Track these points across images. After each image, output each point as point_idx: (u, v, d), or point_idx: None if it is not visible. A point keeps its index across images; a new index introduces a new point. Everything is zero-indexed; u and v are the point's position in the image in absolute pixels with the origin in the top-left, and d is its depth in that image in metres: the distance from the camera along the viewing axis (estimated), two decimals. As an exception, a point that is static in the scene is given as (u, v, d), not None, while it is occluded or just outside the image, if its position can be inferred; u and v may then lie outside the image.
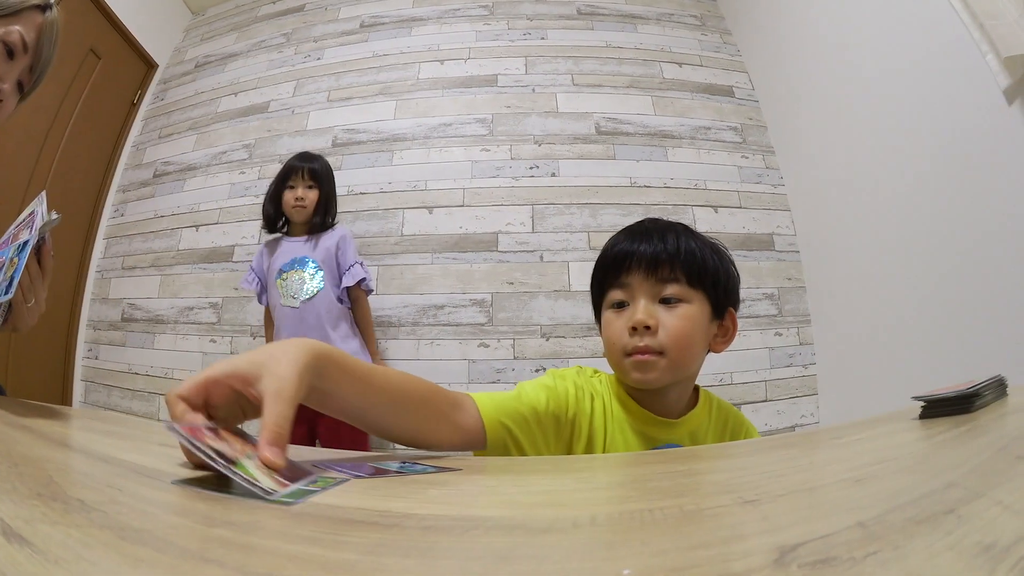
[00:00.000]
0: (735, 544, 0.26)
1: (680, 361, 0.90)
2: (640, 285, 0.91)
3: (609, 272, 0.95)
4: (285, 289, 2.36)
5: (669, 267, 0.91)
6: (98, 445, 0.56)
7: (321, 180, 2.45)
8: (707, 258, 0.93)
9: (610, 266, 0.95)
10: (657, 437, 0.92)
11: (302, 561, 0.24)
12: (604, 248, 0.98)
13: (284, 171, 2.46)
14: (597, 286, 1.00)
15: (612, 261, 0.95)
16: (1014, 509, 0.27)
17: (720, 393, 1.07)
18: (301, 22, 3.70)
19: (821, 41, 2.61)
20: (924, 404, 0.68)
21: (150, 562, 0.23)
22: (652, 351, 0.89)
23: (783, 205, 2.97)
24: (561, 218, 2.87)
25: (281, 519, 0.32)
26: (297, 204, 2.40)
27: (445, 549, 0.27)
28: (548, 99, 3.17)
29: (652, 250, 0.91)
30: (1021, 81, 1.56)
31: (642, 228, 0.96)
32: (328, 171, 2.51)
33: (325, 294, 2.35)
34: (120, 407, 2.95)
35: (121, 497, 0.34)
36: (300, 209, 2.40)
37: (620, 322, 0.92)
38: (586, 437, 0.89)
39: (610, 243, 0.98)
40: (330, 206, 2.48)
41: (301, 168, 2.43)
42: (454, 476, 0.50)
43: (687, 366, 0.93)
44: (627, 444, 0.91)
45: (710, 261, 0.94)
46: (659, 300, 0.91)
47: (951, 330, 1.82)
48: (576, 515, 0.33)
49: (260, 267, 2.47)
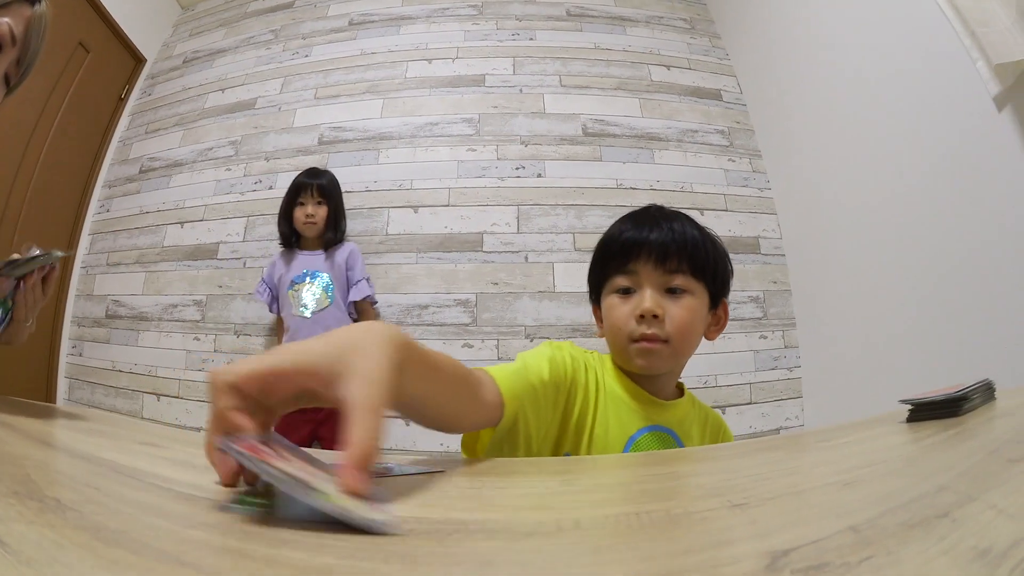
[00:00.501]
0: (725, 549, 0.26)
1: (682, 349, 0.95)
2: (649, 274, 0.94)
3: (615, 257, 0.97)
4: (297, 300, 2.47)
5: (677, 259, 0.94)
6: (79, 443, 0.56)
7: (329, 196, 2.59)
8: (709, 251, 0.97)
9: (617, 252, 0.97)
10: (649, 416, 0.94)
11: (280, 565, 0.24)
12: (610, 233, 1.00)
13: (294, 188, 2.58)
14: (600, 268, 1.02)
15: (620, 248, 0.97)
16: (1008, 513, 0.26)
17: (705, 395, 1.10)
18: (290, 19, 3.68)
19: (810, 45, 2.62)
20: (912, 407, 0.68)
21: (125, 564, 0.22)
22: (658, 339, 0.92)
23: (769, 209, 2.99)
24: (547, 219, 2.87)
25: (260, 520, 0.31)
26: (308, 221, 2.53)
27: (426, 554, 0.27)
28: (535, 100, 3.17)
29: (661, 240, 0.94)
30: (1011, 88, 1.57)
31: (649, 216, 0.99)
32: (335, 186, 2.64)
33: (335, 307, 2.47)
34: (104, 404, 2.93)
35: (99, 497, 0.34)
36: (311, 225, 2.54)
37: (627, 308, 0.95)
38: (579, 406, 0.91)
39: (616, 229, 1.00)
40: (339, 220, 2.63)
41: (310, 185, 2.56)
42: (436, 478, 0.49)
43: (687, 354, 0.97)
44: (619, 418, 0.93)
45: (712, 254, 0.97)
46: (665, 290, 0.94)
47: (938, 334, 1.83)
48: (560, 518, 0.32)
49: (271, 278, 2.59)
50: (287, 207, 2.58)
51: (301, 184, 2.57)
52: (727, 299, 1.04)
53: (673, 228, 0.95)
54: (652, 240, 0.94)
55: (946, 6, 1.75)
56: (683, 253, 0.93)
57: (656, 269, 0.93)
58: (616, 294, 0.97)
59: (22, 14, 0.88)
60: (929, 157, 1.87)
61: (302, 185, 2.56)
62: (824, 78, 2.51)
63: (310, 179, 2.58)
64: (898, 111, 2.02)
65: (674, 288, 0.94)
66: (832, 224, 2.48)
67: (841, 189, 2.39)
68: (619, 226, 1.00)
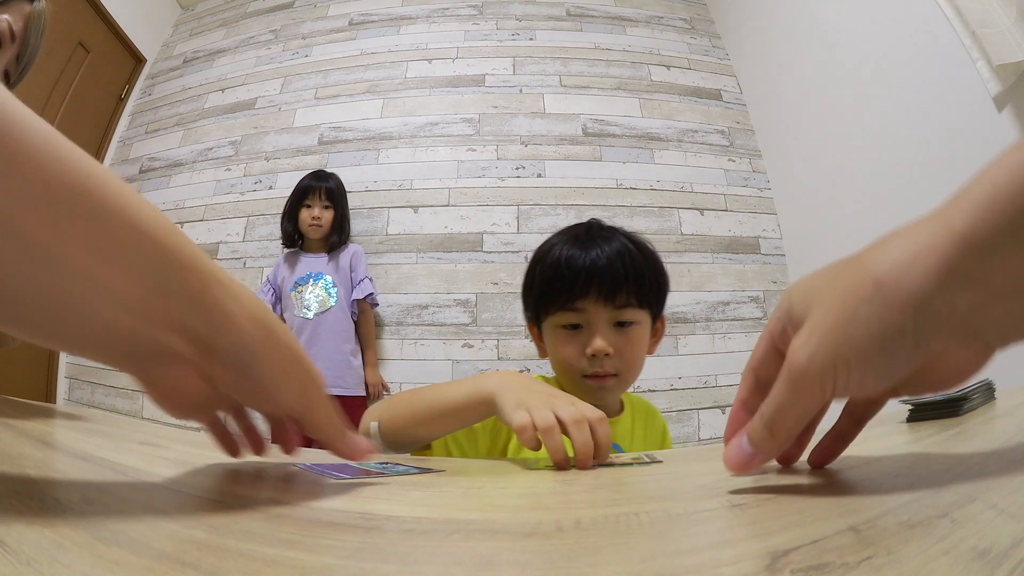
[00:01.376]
0: (725, 549, 0.26)
1: (631, 379, 0.97)
2: (598, 312, 0.93)
3: (560, 291, 0.95)
4: (300, 301, 2.49)
5: (625, 293, 0.93)
6: (79, 443, 0.56)
7: (336, 200, 2.63)
8: (652, 277, 0.97)
9: (563, 286, 0.94)
10: None
11: (280, 565, 0.23)
12: (552, 256, 0.98)
13: (301, 190, 2.62)
14: (541, 294, 0.99)
15: (565, 281, 0.94)
16: (1008, 513, 0.26)
17: (705, 395, 1.10)
18: (290, 19, 3.68)
19: (810, 45, 2.62)
20: (912, 407, 0.68)
21: (125, 564, 0.22)
22: (609, 375, 0.93)
23: (769, 209, 2.99)
24: (546, 219, 2.87)
25: (260, 521, 0.31)
26: (314, 223, 2.57)
27: (426, 554, 0.27)
28: (535, 100, 3.17)
29: (611, 275, 0.92)
30: (1011, 88, 1.57)
31: (590, 238, 0.97)
32: (342, 190, 2.69)
33: (338, 308, 2.50)
34: (104, 404, 2.93)
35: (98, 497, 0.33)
36: (316, 228, 2.57)
37: (576, 346, 0.94)
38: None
39: (559, 253, 0.97)
40: (344, 224, 2.67)
41: (318, 188, 2.60)
42: (436, 478, 0.49)
43: (635, 380, 0.99)
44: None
45: (654, 278, 0.98)
46: (613, 323, 0.94)
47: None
48: (560, 518, 0.32)
49: (275, 279, 2.61)
50: (292, 208, 2.60)
51: (309, 187, 2.59)
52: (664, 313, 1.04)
53: (621, 257, 0.93)
54: (600, 275, 0.92)
55: (947, 7, 1.76)
56: (630, 287, 0.93)
57: (605, 306, 0.93)
58: (563, 329, 0.96)
59: (21, 11, 0.88)
60: (929, 157, 1.87)
61: (310, 187, 2.59)
62: (824, 77, 2.51)
63: (318, 182, 2.60)
64: (898, 111, 2.02)
65: (622, 322, 0.94)
66: (832, 224, 2.48)
67: (841, 189, 2.39)
68: (562, 249, 0.97)
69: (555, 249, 0.97)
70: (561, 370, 0.97)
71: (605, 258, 0.93)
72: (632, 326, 0.94)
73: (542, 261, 0.99)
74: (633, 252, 0.96)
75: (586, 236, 0.97)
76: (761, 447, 0.37)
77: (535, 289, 1.00)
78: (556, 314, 0.96)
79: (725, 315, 2.75)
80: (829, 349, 0.33)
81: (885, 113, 2.09)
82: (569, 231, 1.01)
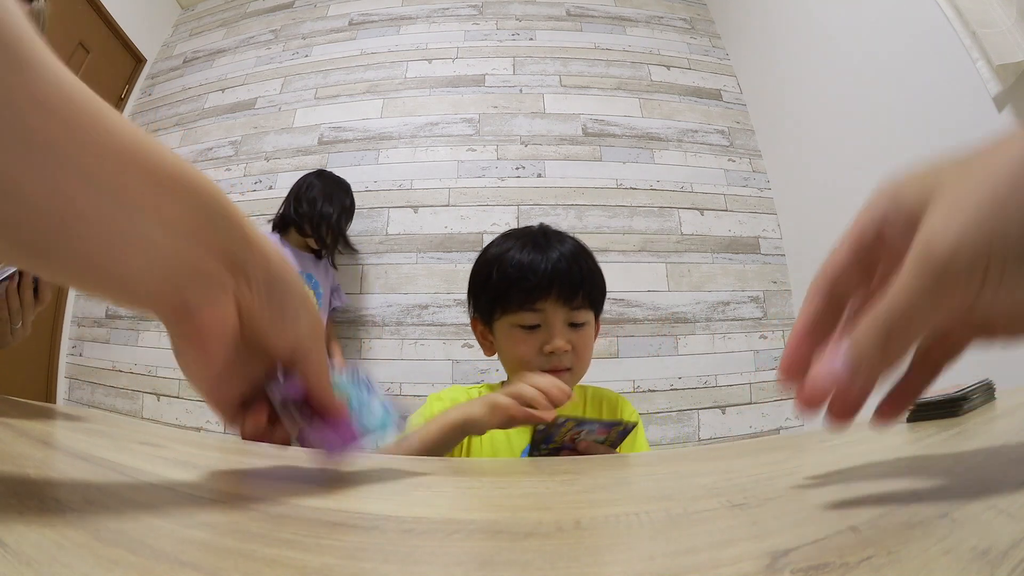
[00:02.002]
0: (725, 549, 0.26)
1: (582, 372, 1.06)
2: (556, 312, 1.01)
3: (518, 292, 1.02)
4: None
5: (581, 296, 1.02)
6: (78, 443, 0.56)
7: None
8: (600, 281, 1.08)
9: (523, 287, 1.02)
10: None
11: (280, 565, 0.23)
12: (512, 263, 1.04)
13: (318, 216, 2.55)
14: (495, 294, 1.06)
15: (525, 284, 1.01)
16: (1008, 513, 0.26)
17: (704, 395, 1.13)
18: (290, 19, 3.68)
19: (810, 45, 2.62)
20: (911, 407, 0.68)
21: (124, 564, 0.22)
22: (565, 368, 1.01)
23: (769, 209, 2.99)
24: (546, 219, 2.86)
25: (260, 521, 0.31)
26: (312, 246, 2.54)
27: (426, 553, 0.27)
28: (535, 100, 3.17)
29: (569, 280, 1.01)
30: (1011, 88, 1.57)
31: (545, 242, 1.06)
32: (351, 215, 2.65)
33: (322, 312, 2.45)
34: (104, 405, 2.93)
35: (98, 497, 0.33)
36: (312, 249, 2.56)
37: (533, 344, 1.02)
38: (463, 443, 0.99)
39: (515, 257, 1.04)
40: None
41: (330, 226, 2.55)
42: (436, 477, 0.49)
43: (584, 373, 1.07)
44: (508, 438, 1.02)
45: (601, 283, 1.09)
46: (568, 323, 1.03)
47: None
48: (560, 518, 0.32)
49: None
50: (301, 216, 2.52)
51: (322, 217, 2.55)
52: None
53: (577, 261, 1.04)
54: (560, 278, 1.00)
55: (947, 7, 1.75)
56: (584, 290, 1.02)
57: (563, 307, 1.01)
58: (520, 328, 1.03)
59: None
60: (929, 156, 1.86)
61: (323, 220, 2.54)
62: (824, 77, 2.51)
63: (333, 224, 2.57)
64: (898, 111, 2.02)
65: (576, 323, 1.03)
66: (832, 224, 2.47)
67: (841, 189, 2.39)
68: (520, 253, 1.04)
69: (512, 252, 1.05)
70: (516, 367, 1.03)
71: (565, 262, 1.02)
72: (584, 326, 1.04)
73: (498, 263, 1.06)
74: (585, 256, 1.07)
75: (544, 240, 1.06)
76: (869, 361, 0.29)
77: (490, 290, 1.06)
78: (515, 314, 1.03)
79: (725, 315, 2.75)
80: (983, 235, 0.25)
81: (885, 113, 2.09)
82: (520, 234, 1.10)
